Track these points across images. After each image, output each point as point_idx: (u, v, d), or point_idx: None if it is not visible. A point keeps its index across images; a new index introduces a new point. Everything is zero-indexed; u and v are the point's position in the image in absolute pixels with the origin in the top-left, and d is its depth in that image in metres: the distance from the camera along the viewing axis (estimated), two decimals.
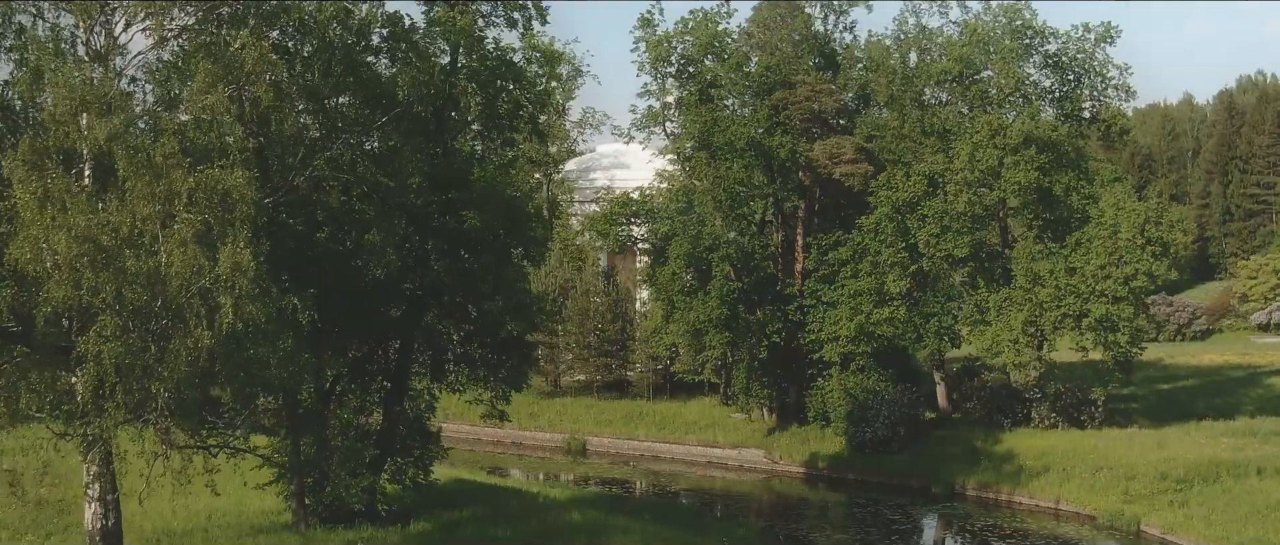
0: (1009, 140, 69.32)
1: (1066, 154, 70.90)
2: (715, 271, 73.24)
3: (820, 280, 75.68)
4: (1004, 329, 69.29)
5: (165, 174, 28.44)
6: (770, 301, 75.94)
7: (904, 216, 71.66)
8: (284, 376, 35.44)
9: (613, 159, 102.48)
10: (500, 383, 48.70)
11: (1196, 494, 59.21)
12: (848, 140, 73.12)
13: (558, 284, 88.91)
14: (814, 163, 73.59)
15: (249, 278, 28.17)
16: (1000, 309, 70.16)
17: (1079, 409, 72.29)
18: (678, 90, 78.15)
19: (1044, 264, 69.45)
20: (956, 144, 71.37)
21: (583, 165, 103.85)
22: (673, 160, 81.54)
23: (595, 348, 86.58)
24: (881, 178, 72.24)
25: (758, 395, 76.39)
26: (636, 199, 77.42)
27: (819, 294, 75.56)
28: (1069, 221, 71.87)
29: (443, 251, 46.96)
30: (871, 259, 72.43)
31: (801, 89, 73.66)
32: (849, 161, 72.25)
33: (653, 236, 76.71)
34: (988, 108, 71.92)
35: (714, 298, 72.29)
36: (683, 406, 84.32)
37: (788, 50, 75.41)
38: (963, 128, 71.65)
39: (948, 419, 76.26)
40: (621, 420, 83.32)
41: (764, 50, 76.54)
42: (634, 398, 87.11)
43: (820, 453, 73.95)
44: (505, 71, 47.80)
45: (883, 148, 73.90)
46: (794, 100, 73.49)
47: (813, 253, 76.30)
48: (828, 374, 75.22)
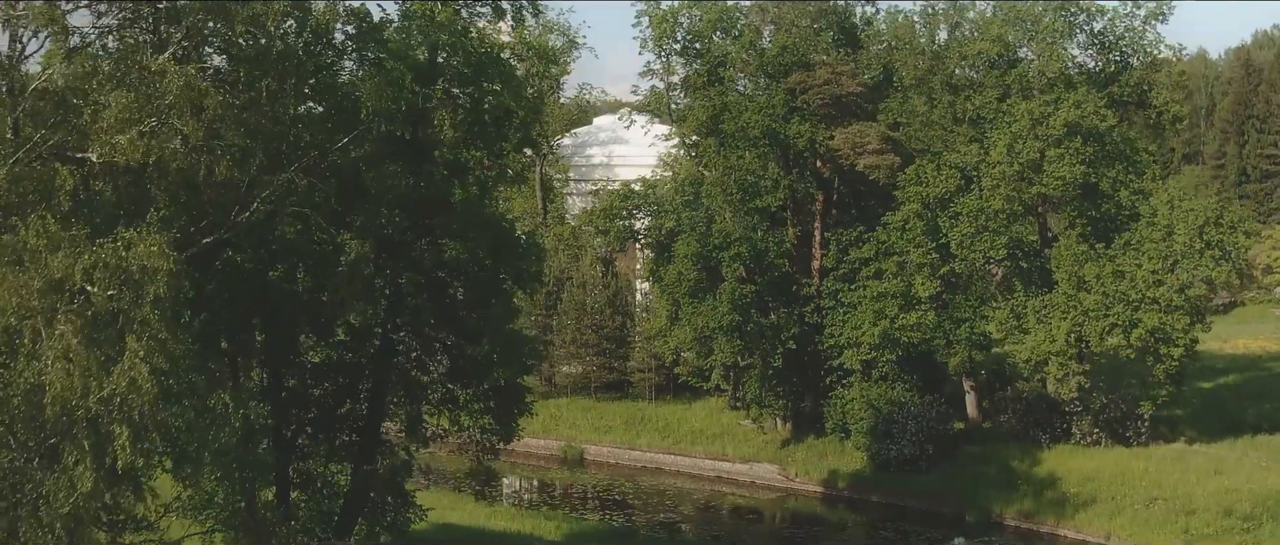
0: (1052, 130, 62.54)
1: (1114, 145, 64.07)
2: (725, 272, 66.62)
3: (840, 279, 69.10)
4: (1045, 339, 62.70)
5: (42, 260, 21.72)
6: (785, 303, 69.38)
7: (934, 214, 64.93)
8: (231, 478, 29.07)
9: (611, 133, 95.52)
10: (487, 436, 42.10)
11: (1268, 535, 52.98)
12: (872, 128, 66.31)
13: (552, 273, 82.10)
14: (835, 152, 66.79)
15: (150, 399, 21.43)
16: (1040, 315, 63.56)
17: (1124, 423, 65.88)
18: (684, 68, 71.30)
19: (1089, 267, 62.79)
20: (992, 134, 64.57)
21: (579, 140, 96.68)
22: (677, 146, 74.59)
23: (593, 345, 79.96)
24: (909, 171, 65.48)
25: (771, 406, 69.88)
26: (638, 190, 70.60)
27: (838, 294, 68.99)
28: (1116, 219, 65.25)
29: (420, 286, 40.28)
30: (898, 259, 65.78)
31: (821, 71, 66.78)
32: (874, 152, 65.48)
33: (656, 232, 70.00)
34: (1027, 93, 65.01)
35: (724, 301, 65.70)
36: (687, 410, 77.91)
37: (805, 26, 68.43)
38: (999, 115, 64.77)
39: (978, 430, 69.85)
40: (622, 426, 76.91)
41: (778, 26, 69.55)
42: (634, 398, 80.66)
43: (840, 470, 67.62)
44: (493, 70, 41.01)
45: (910, 136, 67.09)
46: (812, 83, 66.62)
47: (832, 249, 69.66)
48: (847, 382, 68.80)
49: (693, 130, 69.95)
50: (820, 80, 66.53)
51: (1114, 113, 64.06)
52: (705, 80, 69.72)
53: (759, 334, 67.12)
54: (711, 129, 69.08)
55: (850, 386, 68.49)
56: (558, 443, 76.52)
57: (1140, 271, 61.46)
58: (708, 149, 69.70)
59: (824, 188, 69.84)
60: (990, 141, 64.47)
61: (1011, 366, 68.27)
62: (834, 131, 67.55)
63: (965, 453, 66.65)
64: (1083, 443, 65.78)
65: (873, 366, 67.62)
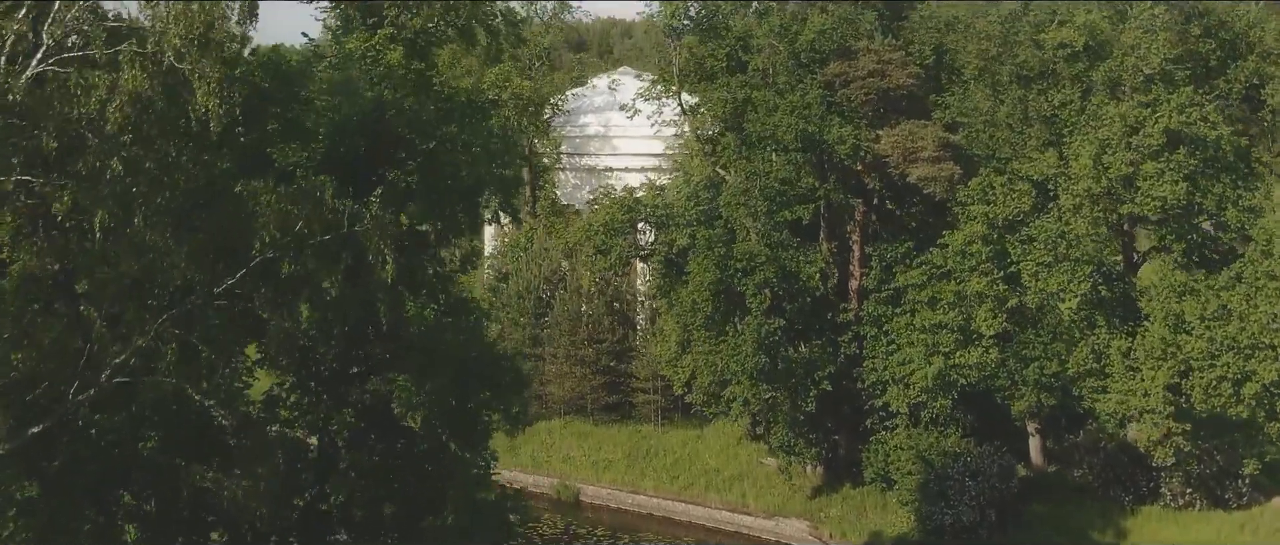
0: (1149, 140, 51.41)
1: (1223, 156, 52.89)
2: (750, 302, 55.69)
3: (883, 302, 58.21)
4: (1136, 392, 52.03)
5: None
6: (818, 332, 58.54)
7: (1002, 237, 53.90)
8: None
9: (607, 96, 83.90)
10: None
11: None
12: (926, 129, 55.00)
13: (542, 275, 71.11)
14: (882, 158, 55.58)
15: None
16: (1129, 361, 52.82)
17: (1221, 481, 55.47)
18: (698, 50, 59.92)
19: (1190, 304, 51.98)
20: (1073, 140, 53.38)
21: (571, 104, 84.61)
22: (688, 137, 63.05)
23: (591, 362, 69.08)
24: (973, 185, 54.33)
25: (802, 454, 59.21)
26: (643, 198, 59.31)
27: (881, 321, 58.16)
28: (1221, 243, 54.40)
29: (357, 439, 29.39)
30: (956, 287, 54.80)
31: (865, 59, 55.38)
32: (929, 160, 54.25)
33: (666, 247, 58.93)
34: (1115, 91, 53.69)
35: (748, 340, 54.88)
36: (698, 439, 67.33)
37: (845, 7, 56.85)
38: (1082, 119, 53.52)
39: (1044, 480, 59.37)
40: (623, 460, 66.34)
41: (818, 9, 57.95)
42: (638, 422, 69.98)
43: (884, 532, 57.30)
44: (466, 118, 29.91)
45: (972, 139, 55.79)
46: (855, 75, 55.27)
47: (874, 267, 58.67)
48: (891, 424, 58.19)
49: (709, 120, 58.54)
50: (864, 72, 55.18)
51: (1224, 117, 52.79)
52: (725, 66, 58.32)
53: (788, 371, 56.34)
54: (732, 124, 57.82)
55: (895, 430, 57.94)
56: (549, 480, 66.01)
57: (1255, 312, 50.62)
58: (727, 147, 58.38)
59: (864, 194, 58.71)
60: (1071, 149, 53.31)
61: (1085, 406, 57.44)
62: (879, 132, 56.34)
63: (1032, 514, 56.24)
64: (1173, 505, 55.52)
65: (921, 408, 57.01)
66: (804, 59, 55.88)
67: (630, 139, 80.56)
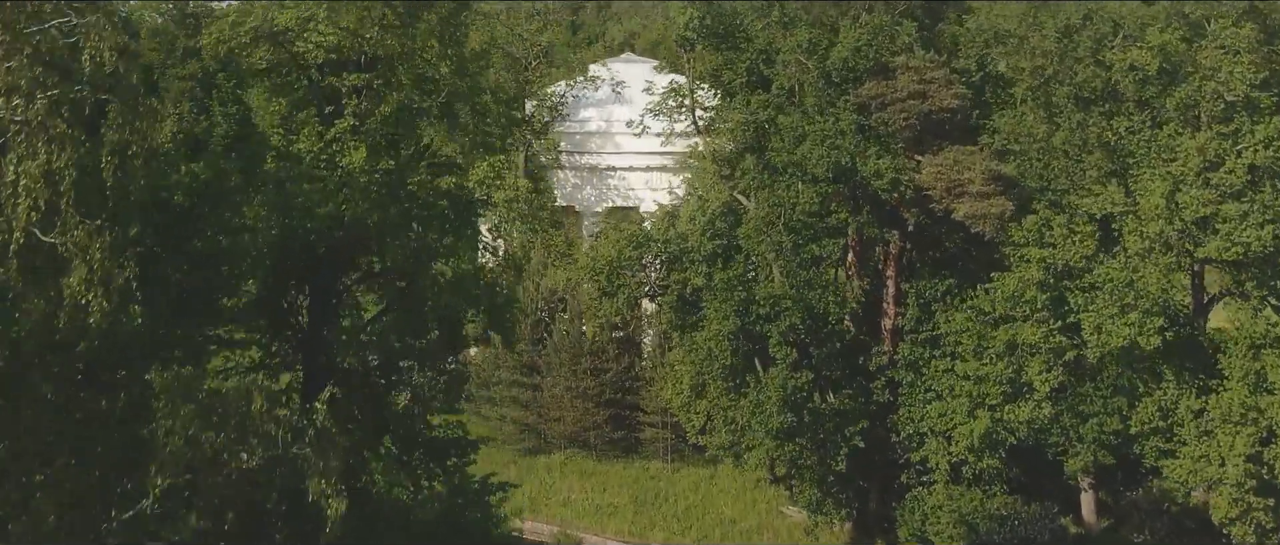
0: (1231, 177, 45.23)
1: None
2: (775, 353, 49.70)
3: (920, 343, 52.22)
4: (1211, 460, 46.15)
5: None
6: (848, 378, 52.57)
7: (1061, 283, 47.77)
8: None
9: (608, 90, 77.40)
10: None
11: None
12: (973, 157, 48.75)
13: (540, 294, 64.96)
14: (922, 190, 49.38)
15: None
16: (1202, 424, 46.90)
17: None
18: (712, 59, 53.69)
19: (1272, 358, 45.98)
20: (1141, 173, 47.15)
21: (570, 88, 77.26)
22: (695, 147, 56.57)
23: (594, 395, 63.04)
24: (1028, 223, 48.13)
25: (831, 513, 53.31)
26: (653, 230, 53.00)
27: (918, 365, 52.19)
28: None
29: None
30: (1006, 336, 48.73)
31: (904, 79, 49.07)
32: (978, 194, 48.02)
33: (680, 286, 52.78)
34: (1193, 121, 47.40)
35: (773, 397, 48.92)
36: (712, 482, 61.52)
37: (882, 18, 50.41)
38: (1152, 150, 47.25)
39: (1099, 540, 53.46)
40: (629, 505, 60.39)
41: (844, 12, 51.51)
42: (646, 458, 64.09)
43: None
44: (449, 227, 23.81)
45: (1025, 168, 49.47)
46: (893, 96, 48.98)
47: (910, 304, 52.62)
48: (929, 481, 52.31)
49: (726, 141, 52.20)
50: (903, 93, 48.89)
51: None
52: (745, 82, 51.99)
53: (816, 424, 50.46)
54: (752, 145, 51.56)
55: (933, 487, 52.10)
56: (548, 527, 60.03)
57: None
58: (747, 171, 52.06)
59: (899, 224, 52.52)
60: (1138, 184, 47.10)
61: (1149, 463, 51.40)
62: (919, 158, 50.14)
63: None
64: None
65: (963, 465, 51.18)
66: (835, 78, 49.54)
67: (634, 136, 74.23)
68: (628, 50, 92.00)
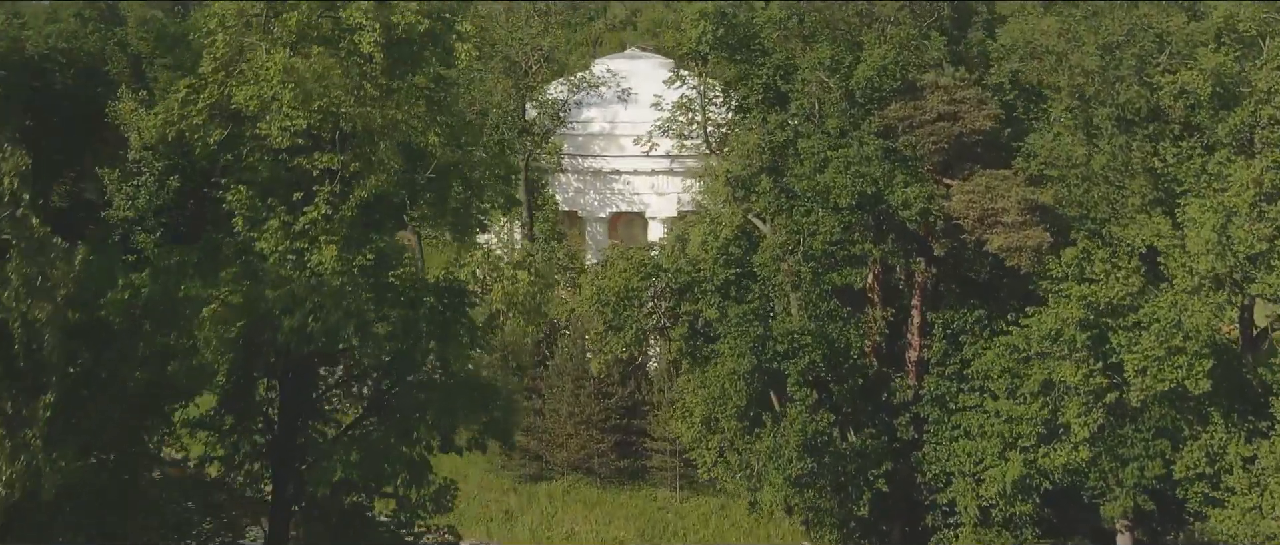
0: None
1: None
2: (793, 393, 46.42)
3: (947, 377, 48.95)
4: (1263, 512, 42.87)
5: None
6: (870, 415, 49.34)
7: (1104, 322, 44.37)
8: None
9: (614, 87, 73.71)
10: None
11: None
12: (1008, 183, 45.31)
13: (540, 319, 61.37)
14: (952, 218, 45.96)
15: None
16: (1255, 473, 43.62)
17: None
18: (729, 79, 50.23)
19: None
20: (1189, 203, 43.68)
21: (572, 94, 73.29)
22: (708, 168, 52.93)
23: (598, 422, 59.71)
24: (1068, 256, 44.68)
25: None
26: (662, 259, 49.47)
27: (944, 400, 48.94)
28: None
29: None
30: (1043, 376, 45.41)
31: (934, 98, 45.59)
32: (1013, 225, 44.59)
33: (691, 318, 49.35)
34: (1246, 145, 43.92)
35: (791, 441, 45.65)
36: (723, 514, 58.24)
37: (908, 31, 46.88)
38: (1203, 178, 43.79)
39: None
40: (636, 540, 57.16)
41: (868, 21, 47.93)
42: (653, 485, 60.82)
43: None
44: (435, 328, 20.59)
45: (1064, 195, 45.98)
46: (922, 118, 45.51)
47: (936, 335, 49.30)
48: (956, 523, 49.13)
49: (740, 162, 48.65)
50: (933, 114, 45.41)
51: None
52: (761, 99, 48.48)
53: (836, 466, 47.22)
54: (769, 165, 48.05)
55: (960, 529, 48.94)
56: None
57: None
58: (763, 193, 48.48)
59: (924, 251, 49.10)
60: (1186, 214, 43.63)
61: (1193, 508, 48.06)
62: (949, 182, 46.73)
63: None
64: None
65: (993, 507, 47.98)
66: (859, 98, 46.04)
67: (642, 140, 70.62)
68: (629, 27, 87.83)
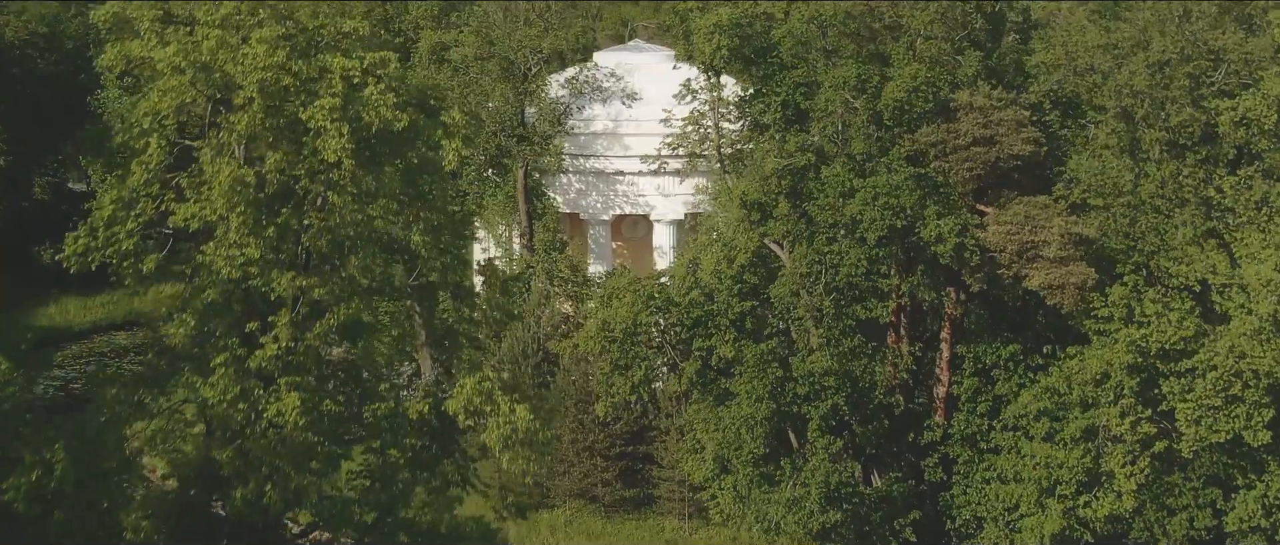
0: None
1: None
2: (814, 440, 42.99)
3: (979, 414, 45.54)
4: None
5: None
6: (895, 456, 45.93)
7: (1154, 367, 40.87)
8: None
9: (620, 82, 69.67)
10: None
11: None
12: (1049, 213, 41.75)
13: (542, 330, 57.95)
14: (988, 250, 42.38)
15: None
16: None
17: None
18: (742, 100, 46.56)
19: None
20: (1250, 238, 40.15)
21: (573, 87, 69.06)
22: (722, 188, 49.08)
23: (603, 450, 56.25)
24: (1115, 296, 41.15)
25: None
26: (673, 291, 45.79)
27: (975, 439, 45.58)
28: None
29: None
30: (1084, 421, 42.02)
31: (968, 121, 41.94)
32: (1055, 260, 41.03)
33: (705, 353, 45.75)
34: None
35: (813, 492, 42.23)
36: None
37: (939, 46, 43.15)
38: (1263, 207, 40.24)
39: None
40: None
41: (896, 32, 44.21)
42: (660, 514, 57.32)
43: None
44: None
45: (1109, 225, 42.38)
46: (956, 143, 41.88)
47: (966, 370, 45.83)
48: None
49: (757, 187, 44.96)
50: (967, 138, 41.79)
51: None
52: (779, 117, 44.76)
53: (860, 514, 43.84)
54: (789, 190, 44.39)
55: None
56: None
57: None
58: (781, 218, 44.75)
59: (954, 280, 45.52)
60: (1245, 250, 40.13)
61: None
62: (984, 210, 43.16)
63: None
64: None
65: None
66: (887, 120, 42.37)
67: (645, 137, 66.82)
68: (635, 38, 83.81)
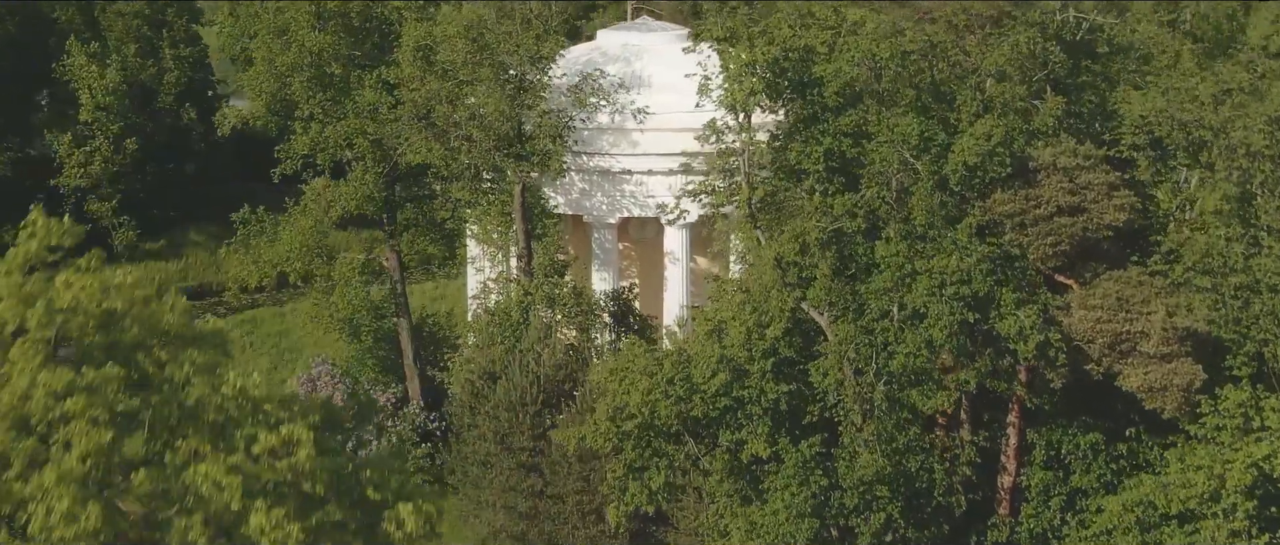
0: None
1: None
2: None
3: (1053, 510, 39.17)
4: None
5: None
6: None
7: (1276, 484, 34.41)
8: None
9: (626, 66, 62.33)
10: None
11: None
12: (1146, 290, 34.94)
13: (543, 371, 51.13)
14: (1072, 337, 35.64)
15: None
16: None
17: None
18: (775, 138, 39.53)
19: None
20: None
21: (577, 96, 60.63)
22: (754, 245, 41.83)
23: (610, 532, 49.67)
24: (1228, 401, 34.49)
25: None
26: (695, 375, 38.79)
27: (1047, 538, 39.22)
28: None
29: None
30: (1183, 540, 35.59)
31: (1051, 185, 34.99)
32: (1157, 356, 34.32)
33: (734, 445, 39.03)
34: None
35: None
36: None
37: (1015, 88, 36.06)
38: None
39: None
40: None
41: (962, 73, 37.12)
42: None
43: None
44: None
45: (1215, 312, 35.53)
46: (1037, 214, 34.98)
47: (1037, 458, 39.31)
48: None
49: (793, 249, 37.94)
50: (1050, 207, 34.86)
51: None
52: (821, 168, 37.70)
53: None
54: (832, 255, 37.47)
55: None
56: None
57: None
58: (821, 283, 37.78)
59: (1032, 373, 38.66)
60: None
61: None
62: (1063, 281, 36.41)
63: None
64: None
65: None
66: (955, 185, 35.42)
67: (658, 132, 59.74)
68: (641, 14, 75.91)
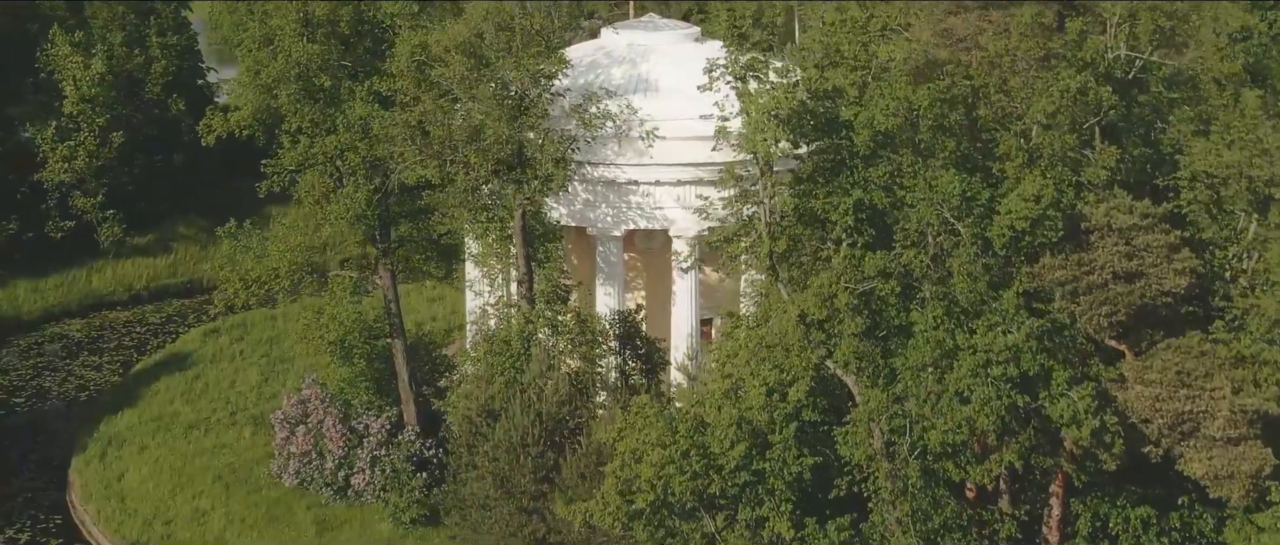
0: None
1: None
2: None
3: None
4: None
5: None
6: None
7: None
8: None
9: (632, 68, 58.92)
10: None
11: None
12: (1208, 364, 31.82)
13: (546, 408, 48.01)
14: (1127, 414, 32.52)
15: None
16: None
17: None
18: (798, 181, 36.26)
19: None
20: None
21: (582, 118, 56.43)
22: (776, 300, 38.45)
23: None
24: None
25: None
26: (709, 440, 35.62)
27: None
28: None
29: None
30: None
31: (1107, 249, 31.78)
32: (1222, 440, 31.22)
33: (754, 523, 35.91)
34: None
35: None
36: None
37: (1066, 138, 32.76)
38: None
39: None
40: None
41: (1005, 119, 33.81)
42: None
43: None
44: None
45: None
46: (1091, 281, 31.76)
47: (1082, 531, 36.30)
48: None
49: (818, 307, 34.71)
50: (1105, 273, 31.64)
51: None
52: (850, 217, 34.45)
53: None
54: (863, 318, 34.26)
55: None
56: None
57: None
58: (847, 343, 34.53)
59: None
60: None
61: None
62: (1117, 347, 33.24)
63: None
64: None
65: None
66: (1000, 249, 32.18)
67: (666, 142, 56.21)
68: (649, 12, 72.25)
